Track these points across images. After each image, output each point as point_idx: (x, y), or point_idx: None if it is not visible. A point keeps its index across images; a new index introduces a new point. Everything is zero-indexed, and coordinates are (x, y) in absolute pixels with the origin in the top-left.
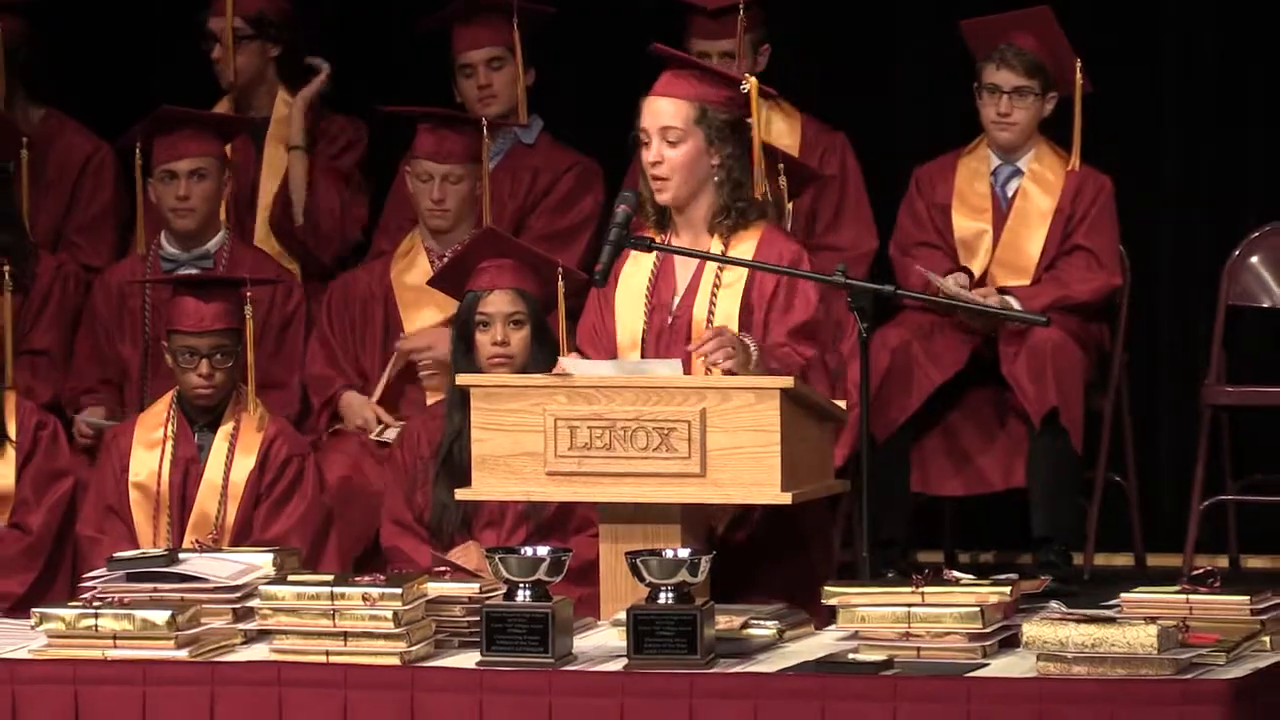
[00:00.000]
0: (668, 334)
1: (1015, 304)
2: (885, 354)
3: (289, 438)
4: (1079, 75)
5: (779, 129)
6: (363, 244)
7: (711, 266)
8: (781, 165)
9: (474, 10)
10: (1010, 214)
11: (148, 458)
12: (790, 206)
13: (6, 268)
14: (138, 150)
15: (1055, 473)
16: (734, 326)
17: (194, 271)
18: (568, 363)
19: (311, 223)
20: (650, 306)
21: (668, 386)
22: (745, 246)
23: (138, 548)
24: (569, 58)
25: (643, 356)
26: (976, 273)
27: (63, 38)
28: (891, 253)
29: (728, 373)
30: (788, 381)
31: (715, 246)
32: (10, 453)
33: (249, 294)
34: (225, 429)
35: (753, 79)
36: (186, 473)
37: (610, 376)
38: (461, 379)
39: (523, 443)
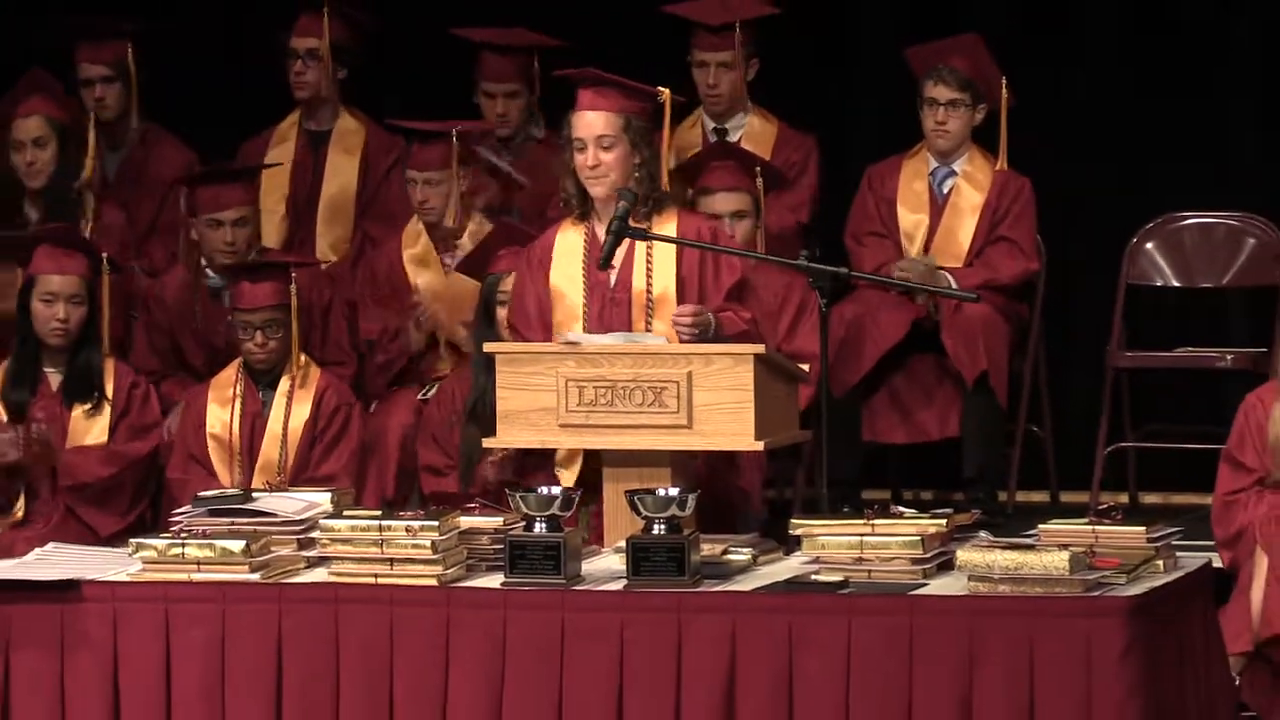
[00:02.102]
0: (610, 307)
1: (952, 281)
2: (841, 326)
3: (337, 389)
4: (1005, 90)
5: (760, 130)
6: None
7: (641, 244)
8: (758, 168)
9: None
10: (945, 208)
11: (221, 413)
12: (765, 202)
13: (105, 255)
14: (182, 198)
15: (983, 424)
16: (672, 296)
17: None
18: (573, 335)
19: None
20: (589, 284)
21: (659, 353)
22: (668, 227)
23: (218, 488)
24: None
25: (585, 328)
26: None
27: (162, 58)
28: (846, 241)
29: (686, 341)
30: (760, 348)
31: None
32: (106, 410)
33: (294, 274)
34: (283, 386)
35: (666, 90)
36: (253, 424)
37: (612, 345)
38: (489, 346)
39: (540, 400)
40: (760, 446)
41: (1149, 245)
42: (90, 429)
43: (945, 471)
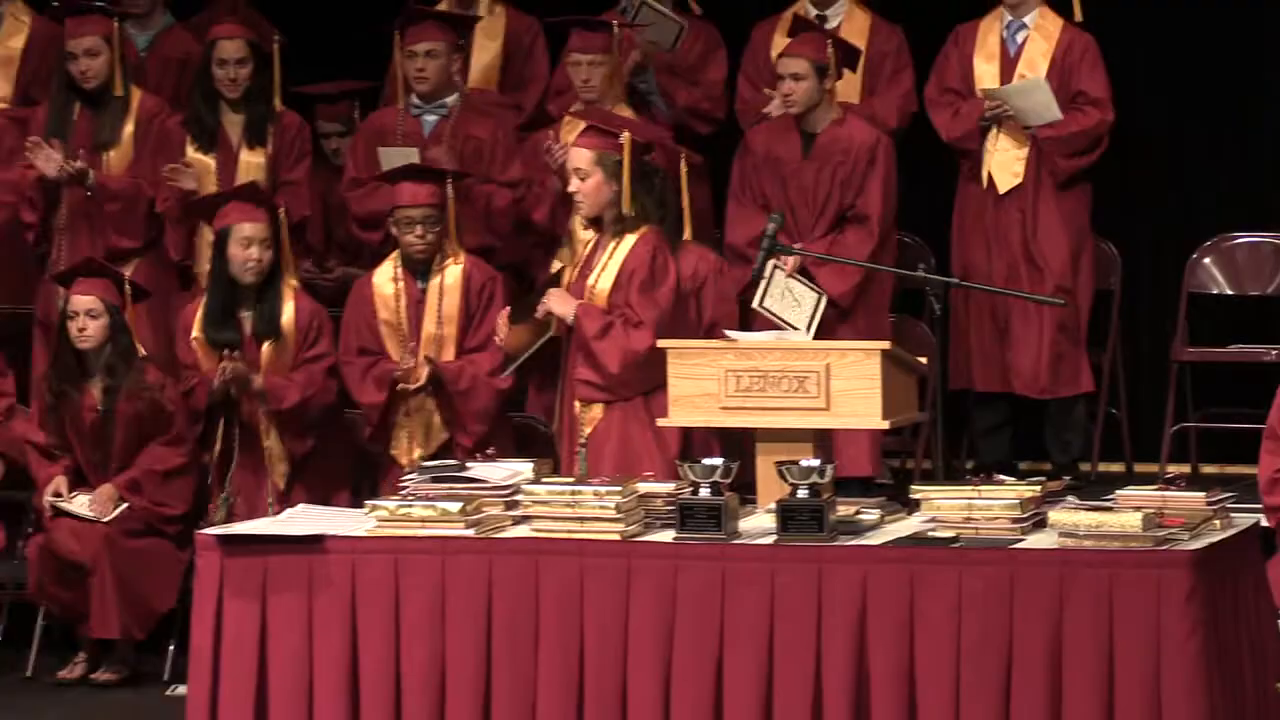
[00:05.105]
0: (574, 291)
1: (1051, 97)
2: (984, 342)
3: (480, 267)
4: None
5: (857, 18)
6: None
7: (605, 253)
8: (830, 40)
9: None
10: (1018, 60)
11: (388, 300)
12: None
13: (282, 206)
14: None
15: (1067, 422)
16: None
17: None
18: (732, 334)
19: None
20: (577, 274)
21: (803, 348)
22: (626, 243)
23: (392, 363)
24: None
25: None
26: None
27: None
28: (927, 95)
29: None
30: (887, 345)
31: (611, 241)
32: (291, 342)
33: (450, 180)
34: (436, 274)
35: (628, 135)
36: (417, 309)
37: (764, 341)
38: (662, 343)
39: (704, 387)
40: (886, 424)
41: (1206, 260)
42: (279, 360)
43: (1039, 448)
